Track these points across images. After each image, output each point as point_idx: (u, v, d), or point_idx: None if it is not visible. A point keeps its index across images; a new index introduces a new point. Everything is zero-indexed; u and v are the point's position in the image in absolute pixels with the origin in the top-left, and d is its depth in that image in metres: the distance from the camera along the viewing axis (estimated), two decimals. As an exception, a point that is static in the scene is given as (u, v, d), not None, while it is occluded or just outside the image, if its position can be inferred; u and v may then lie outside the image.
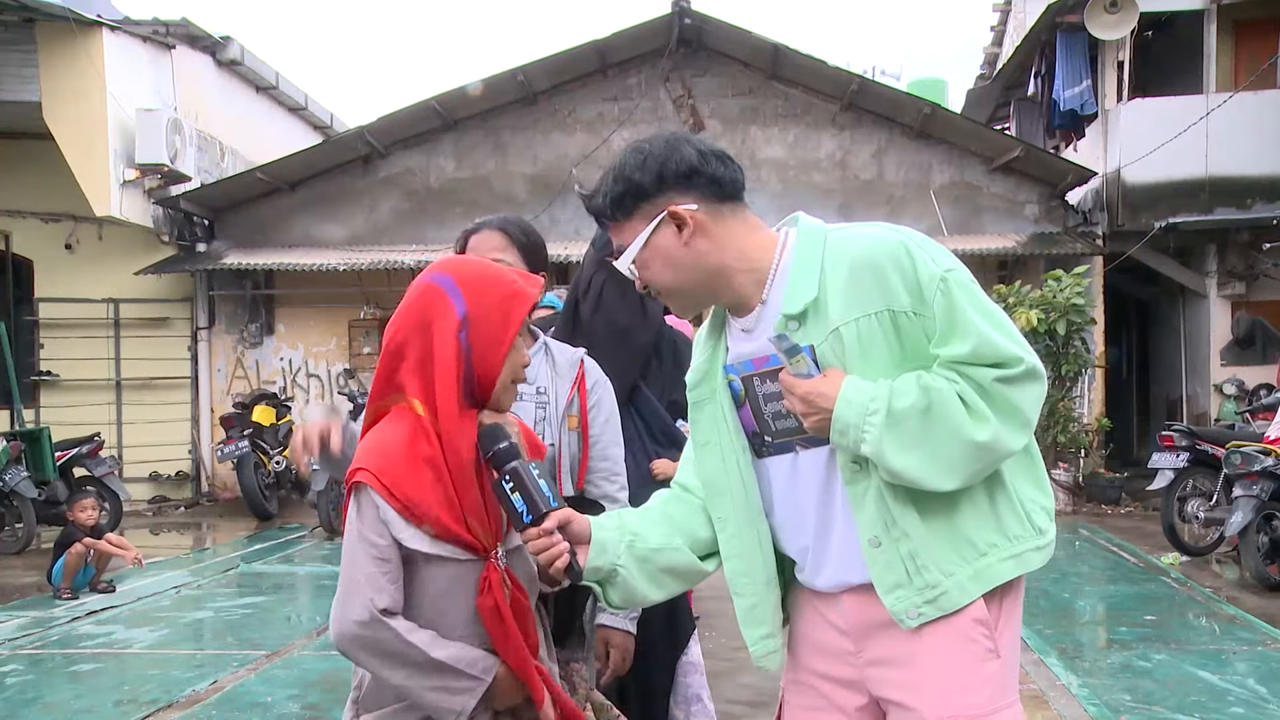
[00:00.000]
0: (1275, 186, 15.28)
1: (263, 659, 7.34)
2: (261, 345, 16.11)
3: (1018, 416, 2.21)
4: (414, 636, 2.33)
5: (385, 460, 2.35)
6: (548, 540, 2.32)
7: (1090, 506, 14.08)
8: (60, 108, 13.80)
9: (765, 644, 2.46)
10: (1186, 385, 17.09)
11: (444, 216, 15.73)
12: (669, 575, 2.49)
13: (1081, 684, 6.47)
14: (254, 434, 14.10)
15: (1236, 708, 6.04)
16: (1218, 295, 16.36)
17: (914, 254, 2.24)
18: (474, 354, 2.39)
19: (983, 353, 2.18)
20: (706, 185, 2.34)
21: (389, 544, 2.33)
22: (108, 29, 14.05)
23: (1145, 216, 15.65)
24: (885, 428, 2.16)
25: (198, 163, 15.46)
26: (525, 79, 15.45)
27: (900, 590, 2.25)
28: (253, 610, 8.97)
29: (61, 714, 6.34)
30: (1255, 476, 8.94)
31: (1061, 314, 13.28)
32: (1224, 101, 15.10)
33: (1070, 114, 16.66)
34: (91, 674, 7.16)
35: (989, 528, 2.29)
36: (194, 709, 6.28)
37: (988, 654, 2.28)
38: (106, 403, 15.79)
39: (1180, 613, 8.41)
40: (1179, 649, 7.33)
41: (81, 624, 8.48)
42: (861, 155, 15.82)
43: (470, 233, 3.05)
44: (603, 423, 3.09)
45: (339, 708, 6.08)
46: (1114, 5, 15.52)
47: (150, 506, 15.56)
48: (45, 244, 15.85)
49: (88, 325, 15.81)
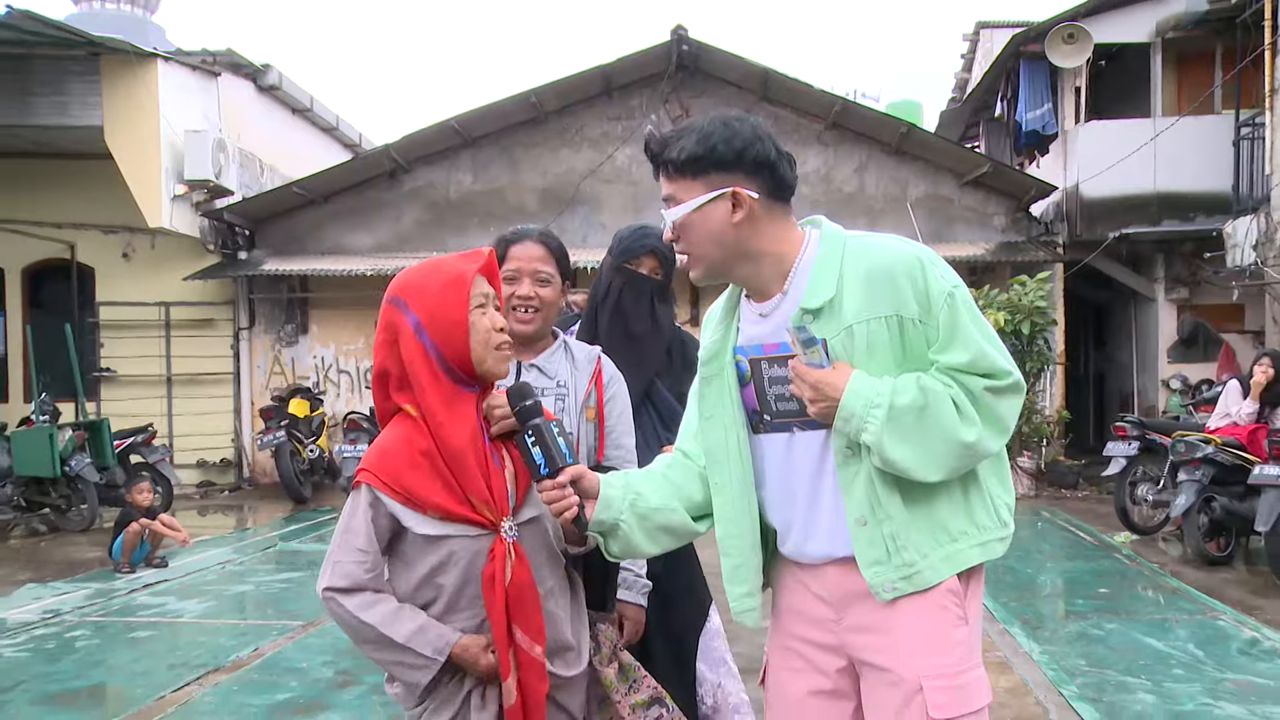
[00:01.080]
0: (1215, 202, 15.36)
1: (299, 628, 7.37)
2: (297, 344, 16.12)
3: (1000, 423, 2.27)
4: (368, 614, 2.37)
5: (385, 460, 2.41)
6: (560, 492, 2.36)
7: (1051, 490, 14.07)
8: (119, 130, 13.89)
9: (745, 601, 2.48)
10: (1137, 380, 17.12)
11: (462, 226, 15.74)
12: (664, 532, 2.50)
13: (1042, 651, 6.50)
14: (290, 425, 14.13)
15: (1178, 669, 6.09)
16: (1165, 299, 16.43)
17: (926, 269, 2.28)
18: (440, 348, 2.41)
19: (978, 364, 2.25)
20: (771, 180, 2.34)
21: (369, 534, 2.39)
22: (162, 60, 14.16)
23: (1101, 227, 15.71)
24: (886, 421, 2.19)
25: (240, 178, 15.51)
26: (537, 100, 15.45)
27: (879, 566, 2.28)
28: (290, 584, 8.99)
29: (123, 675, 6.40)
30: (1197, 463, 8.96)
31: (1026, 315, 13.28)
32: (1170, 125, 15.22)
33: (1033, 134, 16.70)
34: (148, 640, 7.20)
35: (961, 517, 2.34)
36: (238, 673, 6.33)
37: (958, 620, 2.32)
38: (158, 396, 15.83)
39: (1130, 586, 8.43)
40: (1128, 618, 7.36)
41: (139, 595, 8.53)
42: (844, 170, 15.84)
43: (511, 242, 3.03)
44: (617, 415, 3.10)
45: (367, 673, 6.18)
46: (1071, 37, 15.63)
47: (198, 490, 15.60)
48: (105, 253, 15.87)
49: (142, 326, 15.84)
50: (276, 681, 6.15)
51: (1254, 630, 6.93)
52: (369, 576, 2.40)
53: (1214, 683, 5.85)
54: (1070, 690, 5.71)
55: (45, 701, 5.87)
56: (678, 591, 3.38)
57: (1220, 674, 6.02)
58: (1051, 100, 16.39)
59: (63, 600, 8.34)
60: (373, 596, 2.40)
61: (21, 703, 5.86)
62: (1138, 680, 5.91)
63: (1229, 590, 8.21)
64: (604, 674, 2.76)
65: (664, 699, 2.83)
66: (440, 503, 2.38)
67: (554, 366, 3.04)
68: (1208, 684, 5.83)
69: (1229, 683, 5.86)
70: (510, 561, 2.40)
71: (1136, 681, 5.89)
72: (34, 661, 6.69)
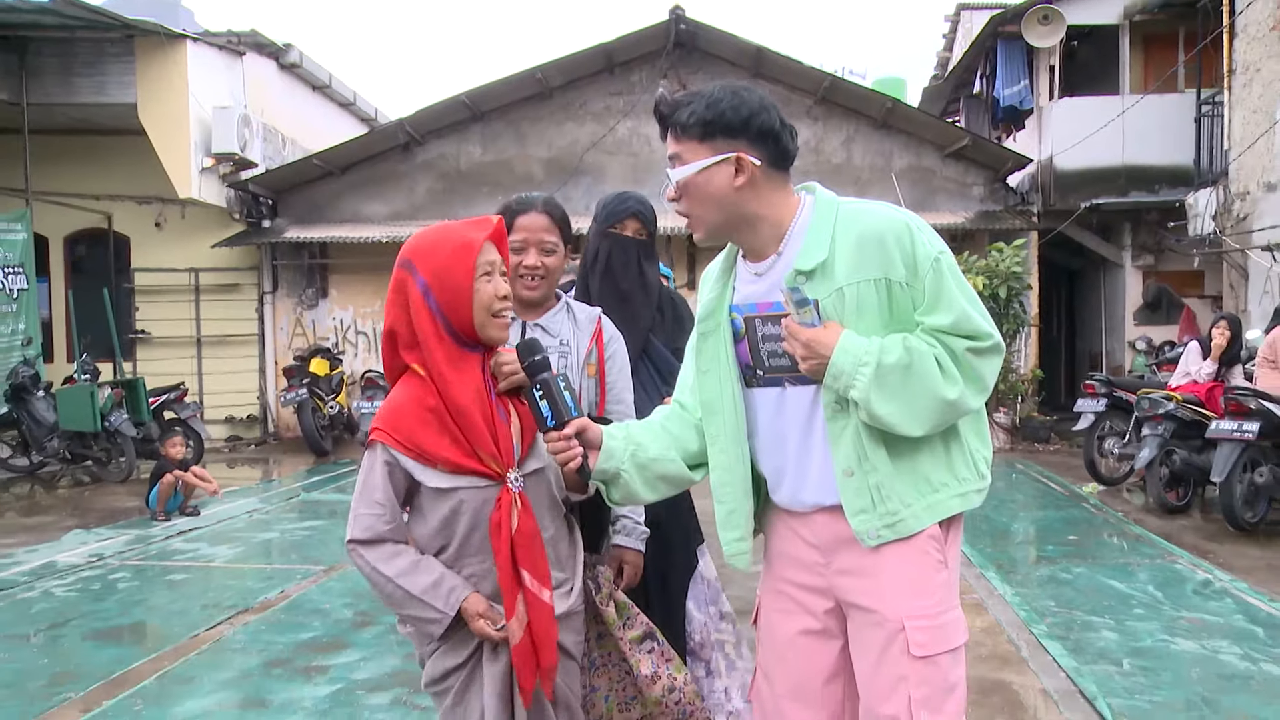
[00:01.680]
0: (1178, 174, 15.44)
1: (321, 573, 7.44)
2: (317, 307, 16.11)
3: (980, 382, 2.28)
4: (388, 565, 2.40)
5: (396, 418, 2.42)
6: (566, 443, 2.38)
7: (1025, 445, 14.13)
8: (152, 107, 13.91)
9: (738, 545, 2.48)
10: (1105, 341, 17.20)
11: (472, 195, 15.68)
12: (663, 481, 2.52)
13: (1014, 593, 6.56)
14: (311, 383, 14.16)
15: (1138, 609, 6.17)
16: (1132, 266, 16.50)
17: (914, 234, 2.27)
18: (445, 311, 2.39)
19: (961, 326, 2.25)
20: (774, 149, 2.34)
21: (385, 488, 2.42)
22: (191, 40, 14.12)
23: (1072, 198, 15.75)
24: (873, 378, 2.19)
25: (263, 151, 15.47)
26: (543, 76, 15.36)
27: (865, 514, 2.29)
28: (312, 532, 9.05)
29: (161, 615, 6.49)
30: (1160, 419, 8.99)
31: (1003, 280, 13.29)
32: (1136, 102, 15.21)
33: (1010, 109, 16.68)
34: (183, 583, 7.27)
35: (943, 469, 2.35)
36: (266, 613, 6.40)
37: (939, 565, 2.33)
38: (189, 356, 15.84)
39: (1096, 533, 8.49)
40: (1094, 563, 7.43)
41: (173, 541, 8.60)
42: (833, 142, 15.79)
43: (518, 212, 3.00)
44: (617, 371, 3.10)
45: (385, 614, 6.26)
46: (1046, 18, 15.60)
47: (226, 444, 15.66)
48: (139, 223, 15.84)
49: (173, 291, 15.85)
50: (301, 621, 6.22)
51: (1207, 572, 7.00)
52: (388, 528, 2.42)
53: (1170, 621, 5.93)
54: (1040, 629, 5.78)
55: (94, 637, 5.98)
56: (673, 538, 3.42)
57: (1176, 613, 6.10)
58: (1027, 78, 16.38)
59: (105, 545, 8.42)
60: (392, 549, 2.41)
61: (74, 637, 5.97)
62: (1102, 619, 5.98)
63: (1186, 536, 8.29)
64: (605, 613, 2.80)
65: (655, 634, 2.88)
66: (449, 457, 2.38)
67: (557, 326, 3.05)
68: (1165, 622, 5.91)
69: (1184, 620, 5.94)
70: (516, 510, 2.41)
71: (1101, 621, 5.96)
72: (82, 600, 6.78)
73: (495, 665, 2.44)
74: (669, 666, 2.85)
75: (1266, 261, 12.73)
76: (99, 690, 5.05)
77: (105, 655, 5.61)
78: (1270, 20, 12.94)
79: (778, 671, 2.50)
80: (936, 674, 2.28)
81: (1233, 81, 13.82)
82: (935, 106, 20.59)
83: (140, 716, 4.70)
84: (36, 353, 13.66)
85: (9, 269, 13.54)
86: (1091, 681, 4.93)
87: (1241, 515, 8.24)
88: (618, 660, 2.82)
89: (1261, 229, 12.91)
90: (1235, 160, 13.71)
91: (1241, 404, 8.20)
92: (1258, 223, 13.10)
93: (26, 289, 13.80)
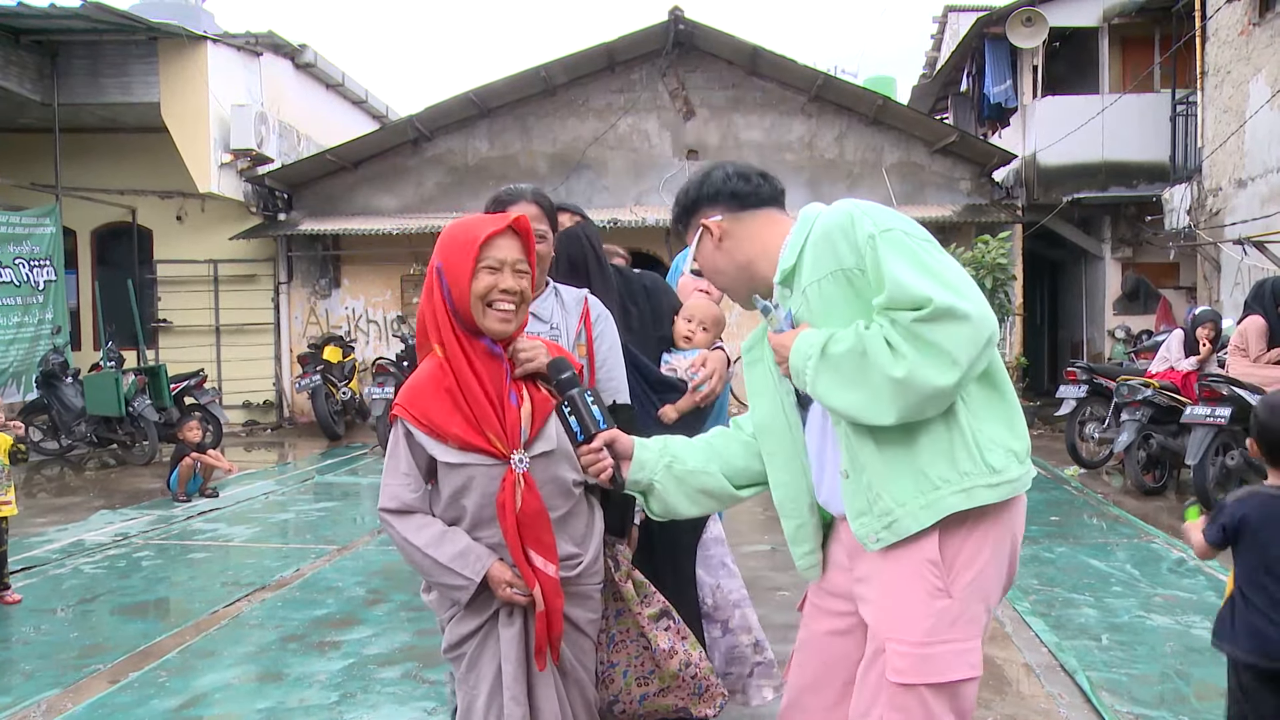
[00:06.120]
0: (1155, 170, 15.45)
1: (334, 552, 7.46)
2: (330, 297, 16.10)
3: (938, 352, 2.00)
4: (417, 536, 2.45)
5: (414, 396, 2.48)
6: (596, 456, 2.44)
7: (1008, 429, 14.12)
8: (174, 105, 13.95)
9: (808, 559, 2.44)
10: (1086, 330, 17.20)
11: (479, 189, 15.60)
12: (703, 495, 2.52)
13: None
14: (324, 370, 14.16)
15: (1117, 587, 6.18)
16: (1111, 258, 16.50)
17: (856, 219, 2.15)
18: (451, 293, 2.45)
19: (897, 296, 2.03)
20: (729, 200, 2.40)
21: (409, 460, 2.47)
22: (211, 42, 14.15)
23: (1055, 192, 15.73)
24: (819, 370, 2.12)
25: (279, 147, 15.45)
26: (547, 74, 15.33)
27: (864, 517, 2.18)
28: (326, 513, 9.08)
29: (183, 591, 6.53)
30: (1138, 404, 8.99)
31: (989, 271, 13.24)
32: (1115, 101, 15.23)
33: (996, 107, 16.65)
34: (203, 561, 7.30)
35: (943, 463, 2.12)
36: (282, 590, 6.43)
37: (936, 591, 2.13)
38: (208, 344, 15.84)
39: (1077, 514, 8.49)
40: (1075, 543, 7.43)
41: (194, 521, 8.62)
42: (826, 138, 15.76)
43: (507, 203, 3.00)
44: (607, 349, 3.09)
45: (396, 591, 6.29)
46: (1029, 20, 15.58)
47: (243, 429, 15.68)
48: (162, 216, 15.84)
49: (194, 281, 15.85)
50: (315, 598, 6.24)
51: (1181, 551, 6.99)
52: (415, 497, 2.47)
53: (1147, 598, 5.95)
54: (1024, 606, 5.79)
55: (121, 611, 6.02)
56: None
57: (1152, 590, 6.11)
58: (1012, 77, 16.34)
59: (130, 525, 8.45)
60: (421, 519, 2.47)
61: (103, 612, 6.02)
62: (1082, 596, 6.00)
63: (1162, 517, 8.30)
64: (624, 589, 2.82)
65: (671, 612, 2.89)
66: (459, 434, 2.42)
67: (546, 310, 3.05)
68: (1141, 599, 5.92)
69: (1159, 597, 5.95)
70: (520, 490, 2.43)
71: (1081, 598, 5.98)
72: (109, 577, 6.81)
73: (510, 629, 2.49)
74: (685, 643, 2.86)
75: (1238, 254, 12.72)
76: (125, 662, 5.08)
77: (131, 629, 5.64)
78: (1238, 25, 12.96)
79: (803, 664, 2.49)
80: (914, 706, 2.12)
81: (1205, 83, 13.85)
82: (924, 104, 20.55)
83: (165, 688, 4.72)
84: (65, 341, 13.75)
85: (38, 261, 13.60)
86: (1072, 655, 4.95)
87: (1214, 496, 8.24)
88: (636, 635, 2.83)
89: (1233, 223, 12.92)
90: (1208, 158, 13.72)
91: (1214, 390, 8.20)
92: (1229, 217, 13.11)
93: (55, 280, 13.87)
